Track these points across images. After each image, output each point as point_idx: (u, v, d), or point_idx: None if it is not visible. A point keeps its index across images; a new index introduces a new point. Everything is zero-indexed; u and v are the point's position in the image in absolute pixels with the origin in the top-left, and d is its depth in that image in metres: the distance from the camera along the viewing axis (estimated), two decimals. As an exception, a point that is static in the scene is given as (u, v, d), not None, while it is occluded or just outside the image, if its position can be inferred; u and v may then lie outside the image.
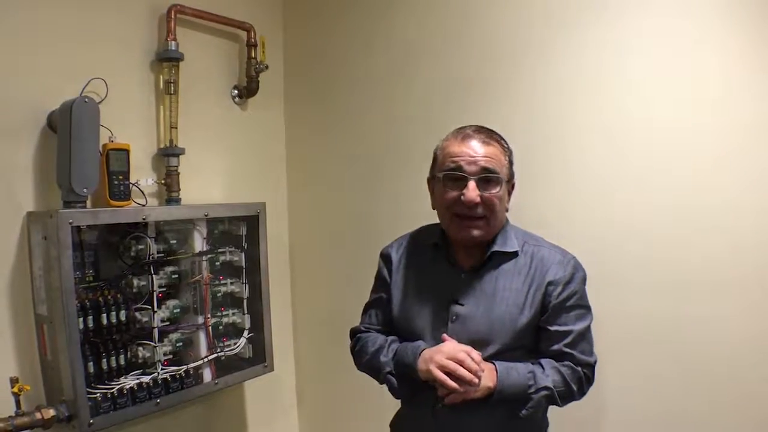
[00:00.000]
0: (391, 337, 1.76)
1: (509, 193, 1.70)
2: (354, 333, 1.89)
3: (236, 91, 2.67)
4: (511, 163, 1.69)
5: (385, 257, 1.86)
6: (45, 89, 2.00)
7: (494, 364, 1.58)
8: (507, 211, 1.71)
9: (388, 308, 1.81)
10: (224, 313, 2.43)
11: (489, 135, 1.67)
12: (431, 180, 1.75)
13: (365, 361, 1.77)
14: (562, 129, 2.14)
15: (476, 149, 1.61)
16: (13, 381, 1.81)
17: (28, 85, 1.98)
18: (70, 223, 1.86)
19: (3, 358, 1.91)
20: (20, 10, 1.95)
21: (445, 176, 1.63)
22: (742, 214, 1.87)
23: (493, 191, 1.61)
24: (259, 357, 2.51)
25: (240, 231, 2.48)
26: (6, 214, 1.94)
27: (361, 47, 2.67)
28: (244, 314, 2.47)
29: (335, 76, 2.76)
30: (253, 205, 2.48)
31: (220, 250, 2.43)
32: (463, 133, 1.66)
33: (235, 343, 2.44)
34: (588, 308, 1.68)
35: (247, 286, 2.47)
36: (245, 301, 2.47)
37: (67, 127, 1.90)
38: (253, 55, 2.62)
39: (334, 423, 1.99)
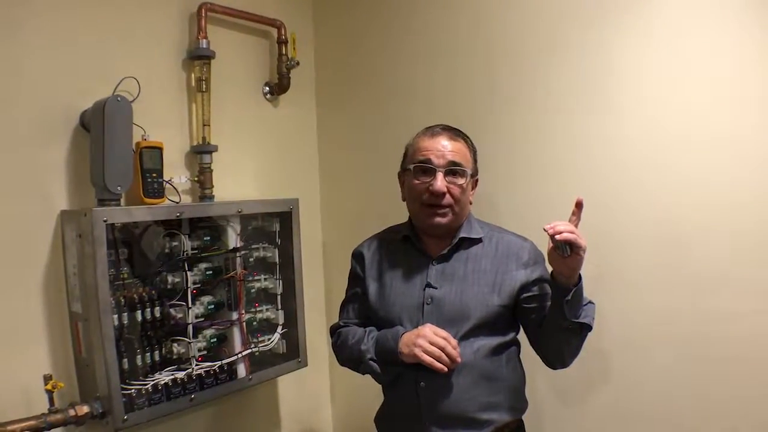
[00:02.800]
0: (369, 328, 1.89)
1: (473, 187, 1.89)
2: (334, 329, 2.03)
3: (268, 88, 2.67)
4: (475, 159, 1.88)
5: (357, 256, 2.02)
6: (77, 89, 2.02)
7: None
8: (471, 203, 1.88)
9: (365, 302, 1.94)
10: (258, 308, 2.44)
11: (456, 132, 1.86)
12: (402, 173, 1.93)
13: (346, 353, 1.91)
14: (602, 120, 2.11)
15: (444, 144, 1.80)
16: (47, 378, 1.82)
17: (60, 84, 1.99)
18: (105, 221, 1.88)
19: (37, 355, 1.94)
20: (51, 10, 1.98)
21: (416, 168, 1.81)
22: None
23: (459, 182, 1.79)
24: (293, 352, 2.51)
25: (273, 227, 2.48)
26: (40, 212, 1.96)
27: (392, 41, 2.65)
28: (277, 310, 2.47)
29: (367, 71, 2.75)
30: (286, 201, 2.48)
31: (253, 247, 2.43)
32: (432, 131, 1.85)
33: (269, 339, 2.45)
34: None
35: (280, 282, 2.47)
36: (279, 297, 2.48)
37: (100, 126, 1.92)
38: (283, 52, 2.62)
39: (367, 419, 1.99)
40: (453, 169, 1.78)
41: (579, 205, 1.60)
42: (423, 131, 1.88)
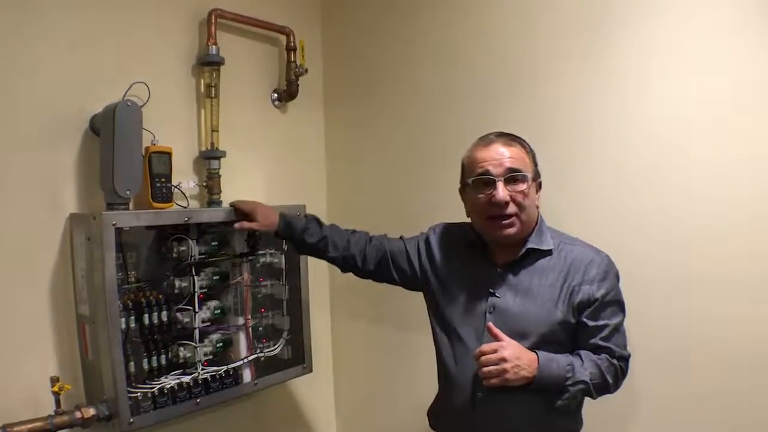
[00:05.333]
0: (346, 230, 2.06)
1: (537, 191, 1.78)
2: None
3: (276, 95, 2.69)
4: (535, 163, 1.78)
5: (428, 231, 2.00)
6: (87, 93, 2.04)
7: (536, 353, 1.63)
8: (537, 208, 1.78)
9: (392, 256, 1.97)
10: (264, 314, 2.45)
11: (510, 138, 1.77)
12: (462, 189, 1.85)
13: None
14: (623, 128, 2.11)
15: (500, 152, 1.72)
16: (54, 380, 1.83)
17: (70, 88, 2.01)
18: (114, 225, 1.89)
19: (44, 357, 1.95)
20: (63, 14, 2.00)
21: (475, 181, 1.73)
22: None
23: (521, 189, 1.69)
24: (298, 358, 2.52)
25: (280, 233, 2.48)
26: (49, 216, 1.98)
27: (399, 49, 2.66)
28: (283, 316, 2.48)
29: (375, 78, 2.76)
30: (293, 208, 2.46)
31: (260, 252, 2.43)
32: (486, 140, 1.77)
33: (275, 344, 2.46)
34: (621, 303, 1.74)
35: (286, 288, 2.48)
36: (285, 303, 2.48)
37: (110, 131, 1.93)
38: (292, 59, 2.64)
39: (372, 425, 1.99)
40: (513, 176, 1.69)
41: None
42: (477, 142, 1.80)
